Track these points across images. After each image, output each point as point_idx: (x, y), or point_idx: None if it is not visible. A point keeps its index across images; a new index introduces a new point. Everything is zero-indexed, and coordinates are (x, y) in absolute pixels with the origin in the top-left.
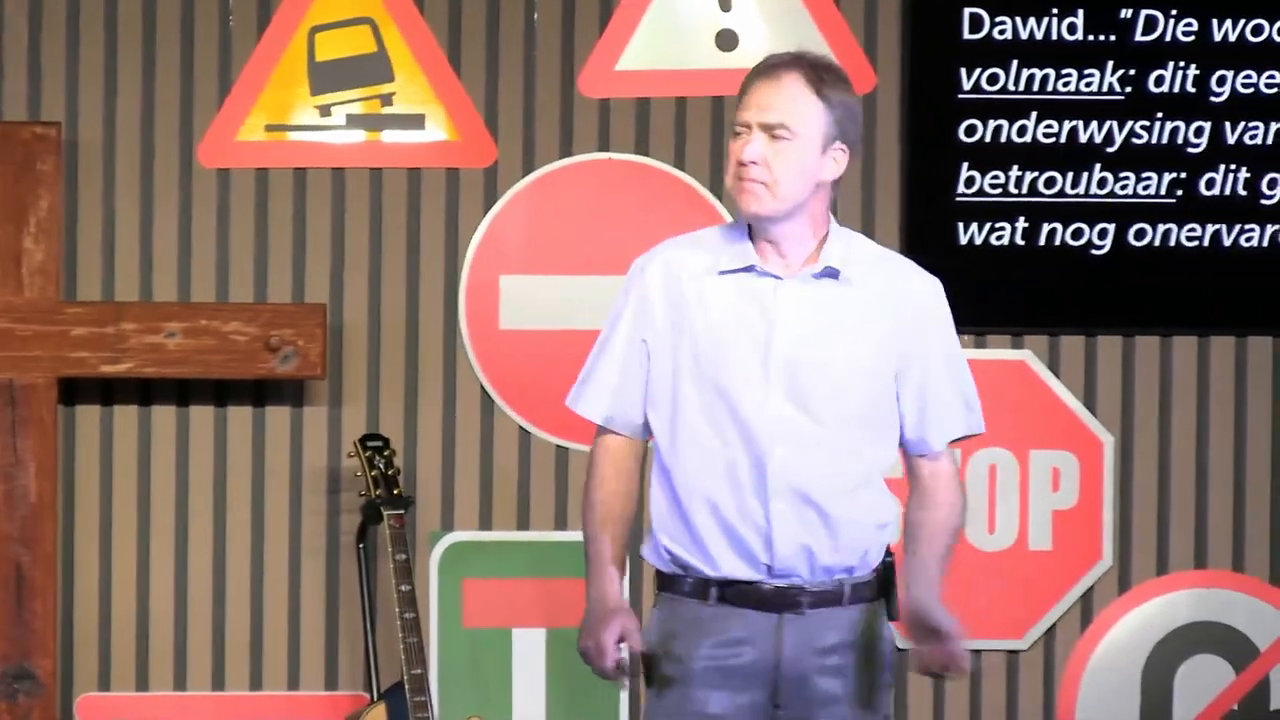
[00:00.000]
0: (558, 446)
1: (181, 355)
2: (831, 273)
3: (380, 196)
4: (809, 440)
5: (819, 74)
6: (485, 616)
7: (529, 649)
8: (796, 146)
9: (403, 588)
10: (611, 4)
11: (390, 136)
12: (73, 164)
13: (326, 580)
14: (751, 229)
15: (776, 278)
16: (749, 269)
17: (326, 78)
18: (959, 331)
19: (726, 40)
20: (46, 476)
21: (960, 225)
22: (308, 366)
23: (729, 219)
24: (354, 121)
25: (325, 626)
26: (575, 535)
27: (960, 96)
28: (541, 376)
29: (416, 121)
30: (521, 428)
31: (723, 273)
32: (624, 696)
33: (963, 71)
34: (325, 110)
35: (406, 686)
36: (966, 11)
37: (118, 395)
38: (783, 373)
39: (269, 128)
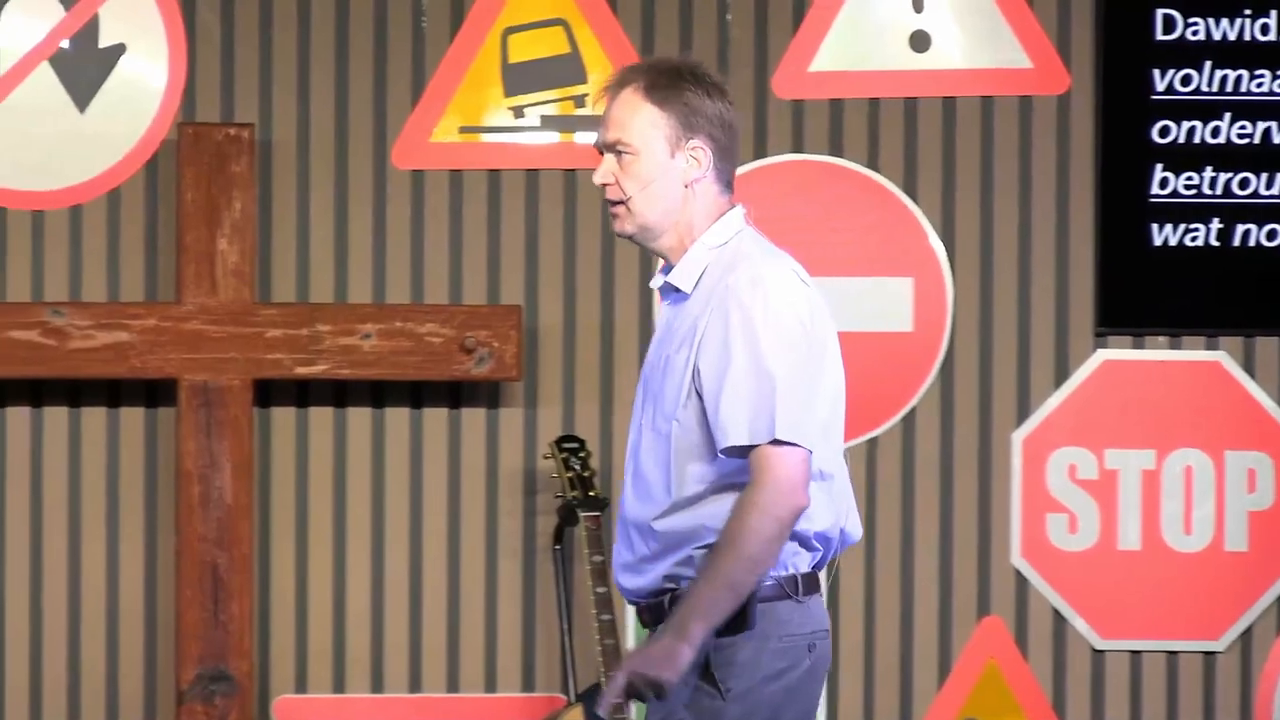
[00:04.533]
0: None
1: (376, 357)
2: (672, 290)
3: (574, 197)
4: (636, 461)
5: (652, 79)
6: None
7: None
8: (639, 159)
9: (599, 590)
10: (804, 5)
11: (584, 138)
12: (266, 165)
13: (523, 582)
14: None
15: (663, 294)
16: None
17: (520, 79)
18: (1154, 332)
19: (919, 41)
20: (242, 478)
21: (1154, 227)
22: (503, 368)
23: (924, 221)
24: (548, 123)
25: (522, 628)
26: None
27: (1153, 98)
28: None
29: None
30: None
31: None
32: (821, 705)
33: (1156, 73)
34: (519, 112)
35: (603, 688)
36: (1159, 13)
37: (313, 397)
38: (641, 396)
39: (463, 129)
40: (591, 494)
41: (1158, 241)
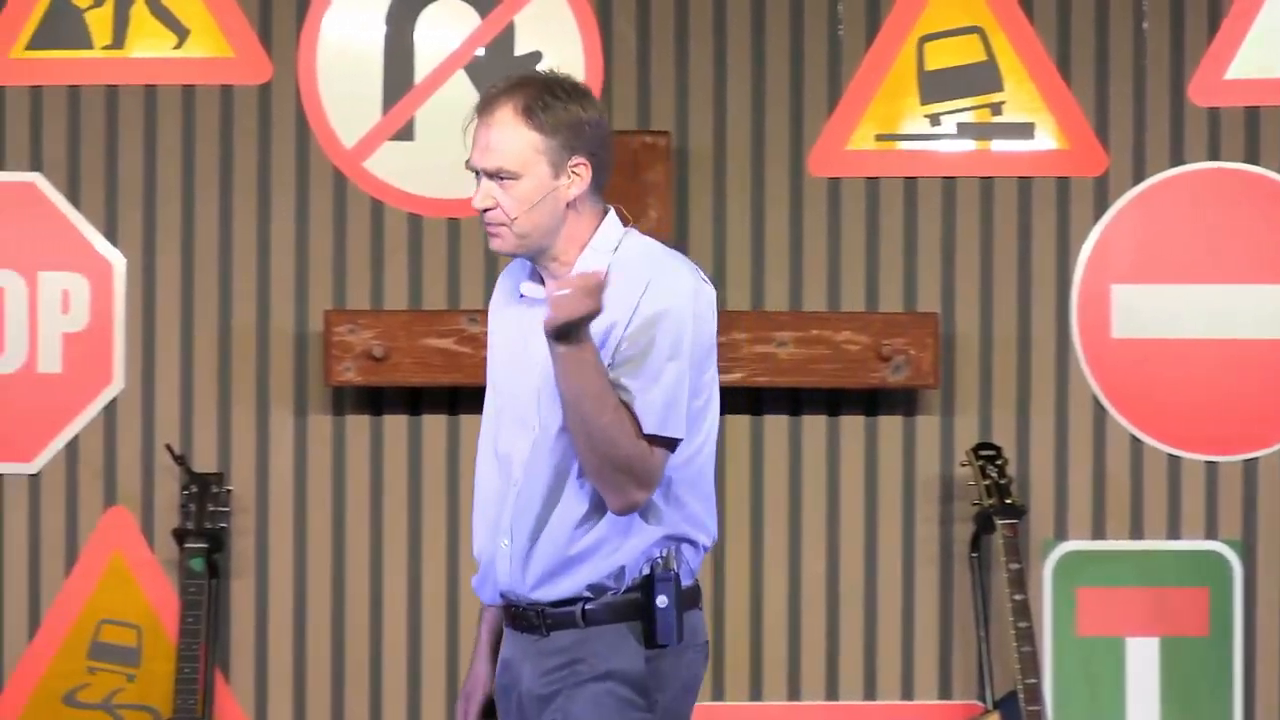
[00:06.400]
0: (1169, 455)
1: (793, 365)
2: None
3: (991, 205)
4: (537, 466)
5: (531, 101)
6: (1099, 625)
7: (1142, 659)
8: (522, 184)
9: (1016, 597)
10: (1220, 11)
11: (1000, 145)
12: (683, 172)
13: (940, 589)
14: None
15: (540, 302)
16: (521, 298)
17: (936, 87)
18: None
19: None
20: None
21: None
22: (920, 376)
23: None
24: (964, 131)
25: (939, 635)
26: (1188, 544)
27: None
28: (1154, 385)
29: (1026, 131)
30: (1133, 436)
31: (510, 304)
32: (1238, 706)
33: None
34: (935, 119)
35: (1021, 696)
36: None
37: (729, 404)
38: (533, 401)
39: (879, 137)
40: (1009, 501)
41: None
